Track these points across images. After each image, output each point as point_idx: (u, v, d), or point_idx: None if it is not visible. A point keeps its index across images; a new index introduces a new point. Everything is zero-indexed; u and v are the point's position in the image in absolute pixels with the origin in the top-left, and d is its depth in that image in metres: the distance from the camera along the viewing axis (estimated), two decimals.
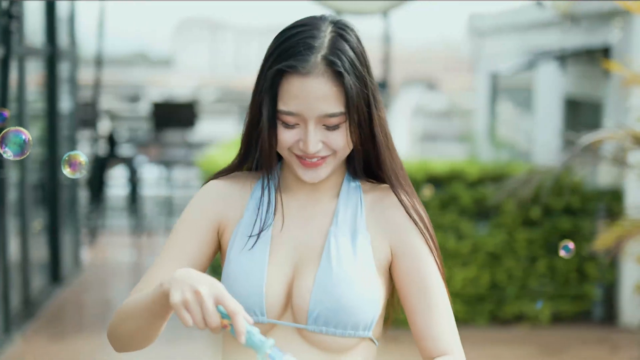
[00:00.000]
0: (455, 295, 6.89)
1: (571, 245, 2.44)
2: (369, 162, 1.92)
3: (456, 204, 6.78)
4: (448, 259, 6.65)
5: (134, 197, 9.29)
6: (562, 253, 2.39)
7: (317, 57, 1.76)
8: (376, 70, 2.06)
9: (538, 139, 9.35)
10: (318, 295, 1.78)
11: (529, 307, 6.86)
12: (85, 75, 9.35)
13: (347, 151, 1.84)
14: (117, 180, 10.41)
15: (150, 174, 10.55)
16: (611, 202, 6.86)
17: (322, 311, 1.77)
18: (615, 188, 6.88)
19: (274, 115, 1.79)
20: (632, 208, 6.86)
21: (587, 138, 4.56)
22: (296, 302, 1.80)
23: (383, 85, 7.92)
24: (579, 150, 4.58)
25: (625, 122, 6.80)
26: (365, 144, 1.86)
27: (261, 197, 1.88)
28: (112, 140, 9.10)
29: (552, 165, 5.09)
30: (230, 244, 1.87)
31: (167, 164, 9.76)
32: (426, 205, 6.81)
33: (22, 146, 1.91)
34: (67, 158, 1.93)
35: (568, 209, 6.82)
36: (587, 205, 6.83)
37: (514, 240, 6.77)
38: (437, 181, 6.82)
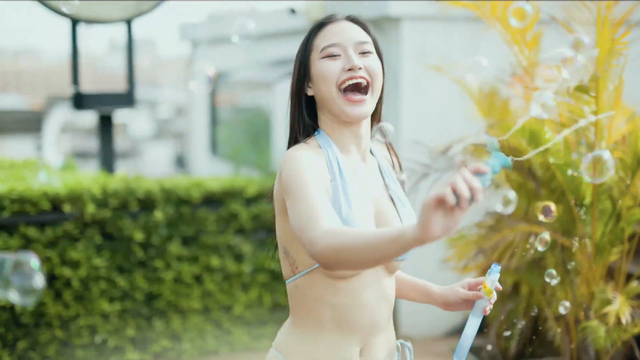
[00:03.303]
0: (237, 319, 6.47)
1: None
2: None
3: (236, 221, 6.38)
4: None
5: None
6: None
7: (342, 16, 2.36)
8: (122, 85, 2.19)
9: (276, 153, 9.14)
10: None
11: None
12: None
13: (379, 86, 2.32)
14: None
15: None
16: None
17: None
18: None
19: (306, 75, 2.32)
20: None
21: (456, 146, 4.39)
22: None
23: (131, 99, 7.26)
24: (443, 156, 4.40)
25: (397, 129, 6.76)
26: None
27: (337, 161, 2.29)
28: None
29: None
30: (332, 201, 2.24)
31: None
32: (206, 224, 6.30)
33: None
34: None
35: None
36: None
37: None
38: (215, 200, 6.39)
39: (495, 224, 4.52)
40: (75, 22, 7.21)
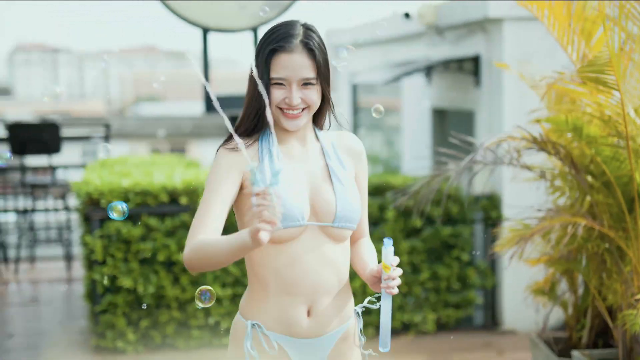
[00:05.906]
0: None
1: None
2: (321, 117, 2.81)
3: None
4: None
5: None
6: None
7: (297, 40, 2.63)
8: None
9: (406, 152, 9.45)
10: (341, 204, 2.67)
11: (413, 316, 6.88)
12: None
13: (316, 107, 2.68)
14: None
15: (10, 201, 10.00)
16: (489, 208, 6.99)
17: (344, 213, 2.67)
18: (492, 194, 7.01)
19: (268, 83, 2.62)
20: (509, 212, 7.01)
21: (486, 140, 4.60)
22: (323, 209, 2.66)
23: None
24: (478, 153, 4.62)
25: (500, 127, 6.95)
26: (324, 101, 2.73)
27: (269, 149, 2.68)
28: None
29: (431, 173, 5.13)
30: None
31: (29, 189, 9.20)
32: None
33: None
34: None
35: (448, 216, 6.91)
36: (466, 213, 6.93)
37: (396, 249, 6.78)
38: None
39: (544, 216, 4.67)
40: (205, 30, 7.83)
